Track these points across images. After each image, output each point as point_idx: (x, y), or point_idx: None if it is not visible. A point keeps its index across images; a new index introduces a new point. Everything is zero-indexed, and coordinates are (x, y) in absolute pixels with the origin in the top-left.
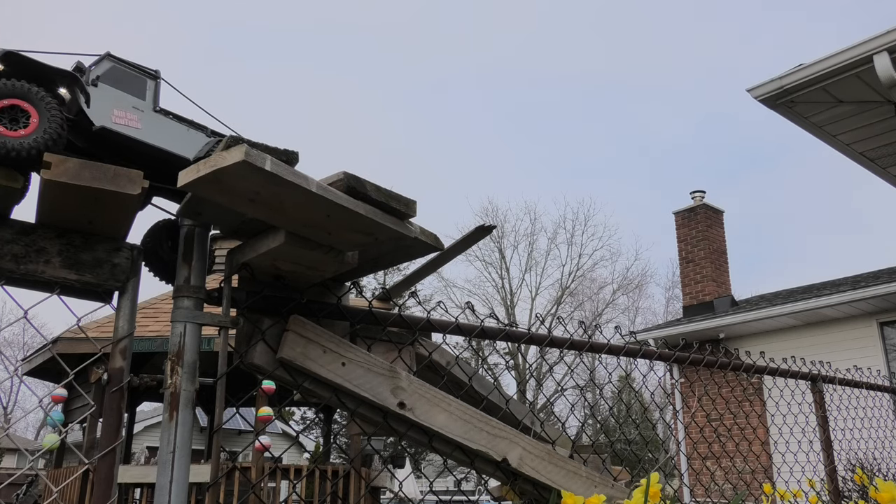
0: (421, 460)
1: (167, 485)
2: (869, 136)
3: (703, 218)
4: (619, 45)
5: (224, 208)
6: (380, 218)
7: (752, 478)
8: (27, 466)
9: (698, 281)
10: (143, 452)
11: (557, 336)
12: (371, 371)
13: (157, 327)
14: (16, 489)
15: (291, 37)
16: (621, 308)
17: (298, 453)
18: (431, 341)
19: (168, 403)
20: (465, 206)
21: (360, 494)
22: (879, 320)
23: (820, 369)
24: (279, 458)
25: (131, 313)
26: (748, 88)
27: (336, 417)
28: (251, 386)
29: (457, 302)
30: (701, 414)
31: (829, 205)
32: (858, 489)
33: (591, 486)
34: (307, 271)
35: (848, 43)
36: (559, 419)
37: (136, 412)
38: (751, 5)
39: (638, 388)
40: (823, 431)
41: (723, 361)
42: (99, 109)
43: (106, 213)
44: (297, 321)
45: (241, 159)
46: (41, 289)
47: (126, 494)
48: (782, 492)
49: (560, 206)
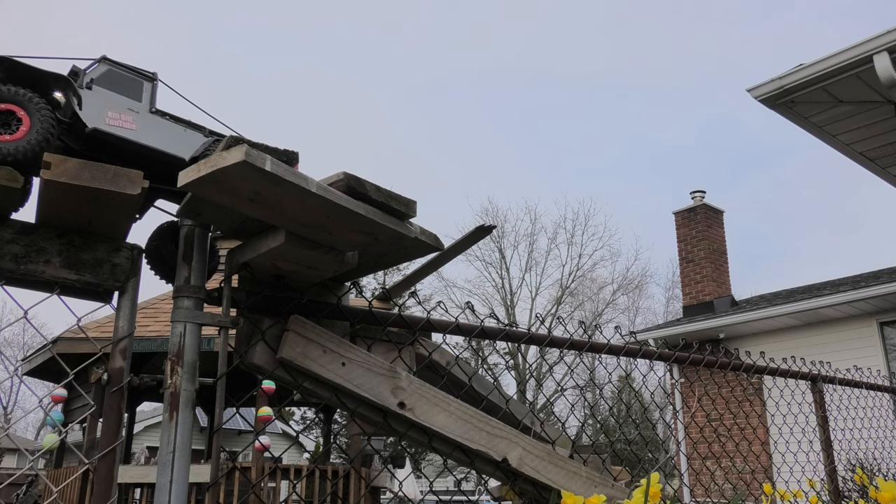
0: (421, 460)
1: (167, 485)
2: (869, 136)
3: (703, 218)
4: (620, 46)
5: (224, 208)
6: (380, 218)
7: (752, 478)
8: (27, 466)
9: (698, 281)
10: (143, 452)
11: (557, 336)
12: (371, 371)
13: (157, 327)
14: (16, 489)
15: (291, 36)
16: (621, 308)
17: (298, 453)
18: (431, 341)
19: (168, 403)
20: (465, 206)
21: (360, 494)
22: (879, 320)
23: (820, 369)
24: (279, 458)
25: (131, 313)
26: (748, 88)
27: (336, 417)
28: (251, 386)
29: (457, 302)
30: (701, 414)
31: (829, 205)
32: (858, 489)
33: (591, 486)
34: (307, 271)
35: (848, 43)
36: (559, 419)
37: (136, 412)
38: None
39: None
40: (823, 431)
41: (723, 361)
42: (92, 112)
43: (106, 213)
44: (298, 321)
45: (242, 159)
46: (41, 289)
47: (126, 494)
48: (782, 492)
49: (560, 206)
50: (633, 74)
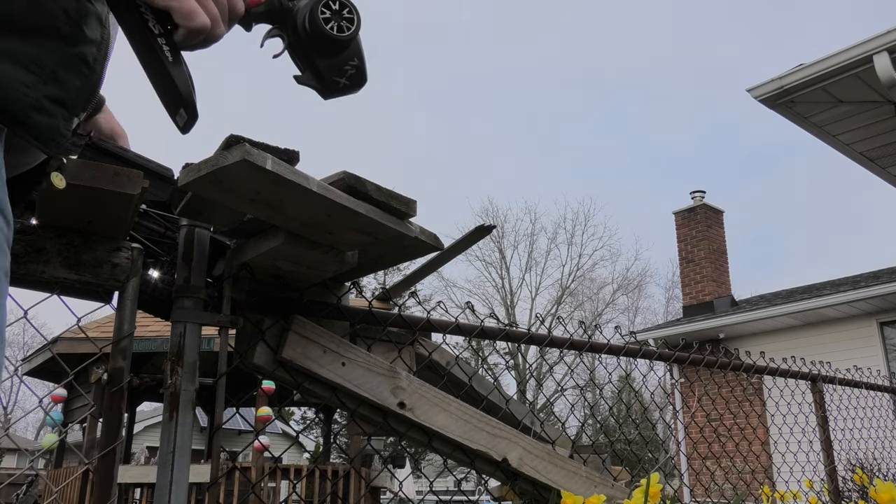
0: (421, 460)
1: (167, 485)
2: (869, 136)
3: (703, 218)
4: (621, 46)
5: (224, 208)
6: (380, 217)
7: (752, 478)
8: (27, 466)
9: (698, 281)
10: (143, 452)
11: (557, 336)
12: (371, 371)
13: (157, 327)
14: (16, 489)
15: None
16: (621, 308)
17: (298, 453)
18: (431, 341)
19: (168, 403)
20: (465, 206)
21: (360, 494)
22: (879, 320)
23: (820, 369)
24: (279, 458)
25: (131, 313)
26: (748, 89)
27: (336, 417)
28: (251, 386)
29: (457, 302)
30: (701, 414)
31: (829, 205)
32: (858, 489)
33: (591, 486)
34: (307, 271)
35: (848, 43)
36: (559, 419)
37: (136, 412)
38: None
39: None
40: (823, 431)
41: (723, 361)
42: None
43: (106, 213)
44: (298, 321)
45: (242, 159)
46: (41, 289)
47: (126, 494)
48: (781, 493)
49: (560, 206)
50: (634, 74)
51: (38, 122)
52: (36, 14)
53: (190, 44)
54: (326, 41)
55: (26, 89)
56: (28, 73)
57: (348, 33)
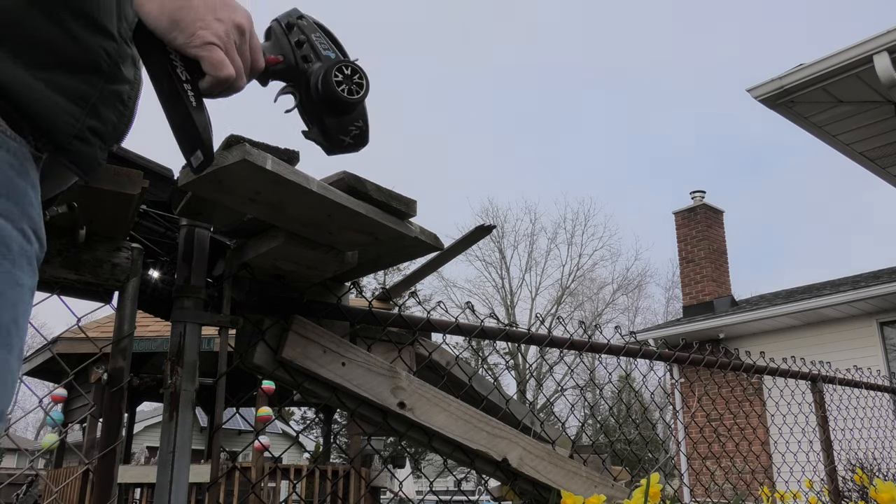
0: (421, 460)
1: (167, 485)
2: (869, 136)
3: (703, 218)
4: (621, 46)
5: (224, 208)
6: (380, 217)
7: (752, 478)
8: (27, 466)
9: (698, 281)
10: (143, 452)
11: (557, 336)
12: (371, 371)
13: (157, 327)
14: (16, 489)
15: None
16: (621, 308)
17: (298, 453)
18: (431, 341)
19: (168, 403)
20: (465, 206)
21: (360, 494)
22: (879, 320)
23: (820, 369)
24: (279, 458)
25: (131, 313)
26: (748, 88)
27: (336, 417)
28: (251, 386)
29: (457, 302)
30: (701, 414)
31: (829, 205)
32: (858, 489)
33: (591, 486)
34: (307, 271)
35: (848, 43)
36: (559, 419)
37: (136, 412)
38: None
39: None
40: (823, 431)
41: (723, 361)
42: None
43: (106, 213)
44: (298, 321)
45: (242, 158)
46: (41, 289)
47: (126, 494)
48: (781, 492)
49: (560, 206)
50: (634, 74)
51: (80, 150)
52: (82, 51)
53: (213, 92)
54: (336, 102)
55: (73, 120)
56: (75, 106)
57: (357, 97)
